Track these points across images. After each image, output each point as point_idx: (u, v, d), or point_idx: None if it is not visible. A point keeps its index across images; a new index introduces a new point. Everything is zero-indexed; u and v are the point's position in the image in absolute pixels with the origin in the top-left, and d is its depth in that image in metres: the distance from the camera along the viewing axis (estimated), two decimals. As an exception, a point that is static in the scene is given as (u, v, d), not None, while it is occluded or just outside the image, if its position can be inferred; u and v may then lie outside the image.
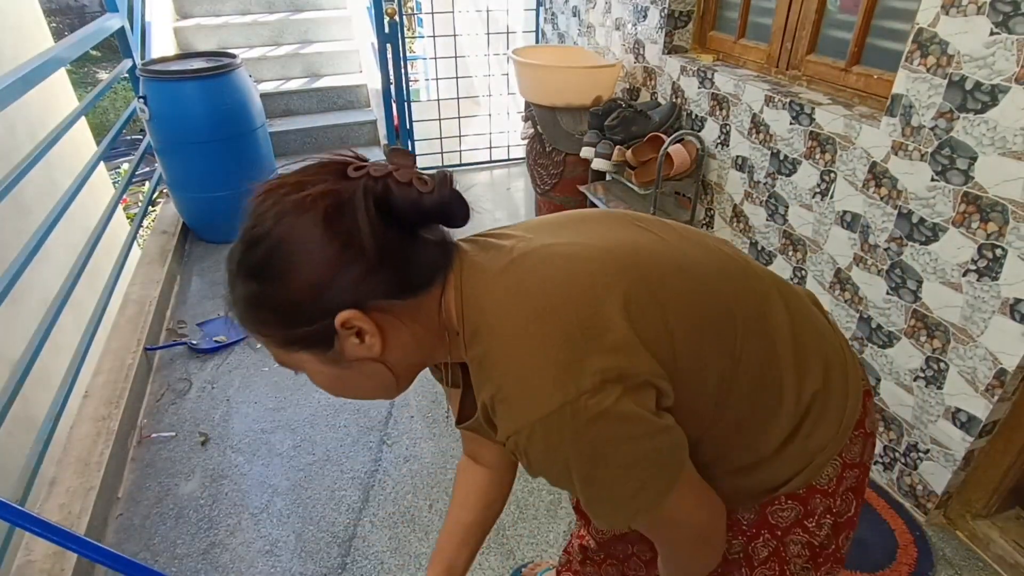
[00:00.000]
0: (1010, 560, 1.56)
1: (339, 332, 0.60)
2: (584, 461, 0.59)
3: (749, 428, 0.73)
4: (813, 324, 0.78)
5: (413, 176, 0.60)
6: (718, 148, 2.28)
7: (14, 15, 3.28)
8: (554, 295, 0.62)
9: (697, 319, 0.67)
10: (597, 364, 0.58)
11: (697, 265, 0.71)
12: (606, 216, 0.78)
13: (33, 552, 1.51)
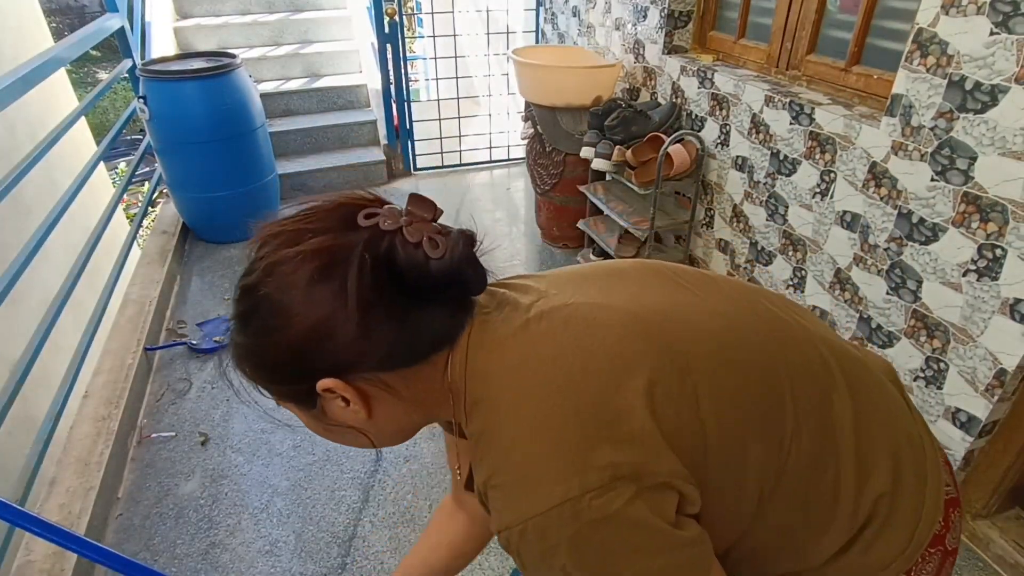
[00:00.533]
0: (1010, 560, 1.56)
1: (322, 395, 0.57)
2: (585, 572, 0.50)
3: (795, 534, 0.62)
4: (886, 410, 0.66)
5: (425, 236, 0.53)
6: (718, 148, 2.28)
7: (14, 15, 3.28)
8: (568, 370, 0.54)
9: (738, 408, 0.57)
10: (608, 458, 0.50)
11: (744, 338, 0.61)
12: (641, 270, 0.67)
13: (33, 552, 1.51)
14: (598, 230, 2.85)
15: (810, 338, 0.65)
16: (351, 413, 0.58)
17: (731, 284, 0.68)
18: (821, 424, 0.60)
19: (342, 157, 3.79)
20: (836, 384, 0.62)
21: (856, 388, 0.64)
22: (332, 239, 0.53)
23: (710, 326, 0.60)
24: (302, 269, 0.52)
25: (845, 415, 0.62)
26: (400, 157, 3.95)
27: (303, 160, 3.73)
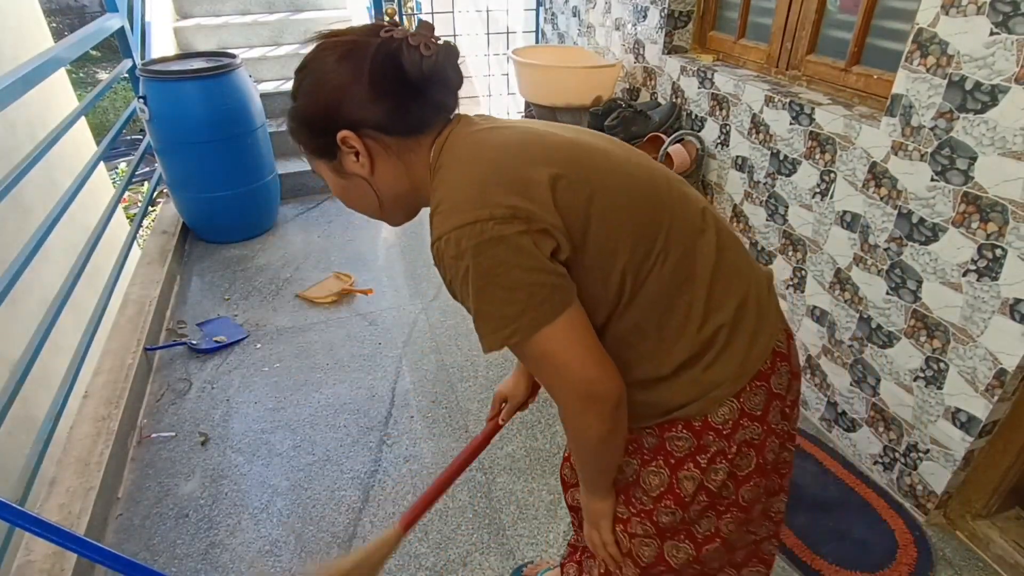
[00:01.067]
0: (1010, 560, 1.56)
1: (341, 147, 0.79)
2: (479, 274, 0.69)
3: (651, 338, 0.80)
4: (740, 269, 0.84)
5: (423, 41, 0.75)
6: (718, 148, 2.28)
7: (14, 15, 3.28)
8: (503, 151, 0.76)
9: (620, 217, 0.76)
10: (512, 201, 0.70)
11: (646, 180, 0.81)
12: (582, 129, 0.88)
13: (33, 552, 1.51)
14: (598, 230, 2.85)
15: (700, 202, 0.85)
16: (359, 166, 0.81)
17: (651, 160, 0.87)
18: (686, 257, 0.79)
19: (342, 157, 3.78)
20: (707, 236, 0.81)
21: (723, 246, 0.82)
22: (358, 37, 0.77)
23: (623, 166, 0.80)
24: (334, 53, 0.76)
25: (708, 259, 0.80)
26: (400, 157, 3.95)
27: (303, 160, 3.71)
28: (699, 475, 0.85)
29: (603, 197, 0.75)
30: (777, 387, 0.85)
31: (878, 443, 1.81)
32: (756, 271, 0.87)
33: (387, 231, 3.33)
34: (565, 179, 0.74)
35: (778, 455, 0.90)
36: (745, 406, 0.83)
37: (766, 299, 0.86)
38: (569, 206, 0.73)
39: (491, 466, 1.88)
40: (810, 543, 1.63)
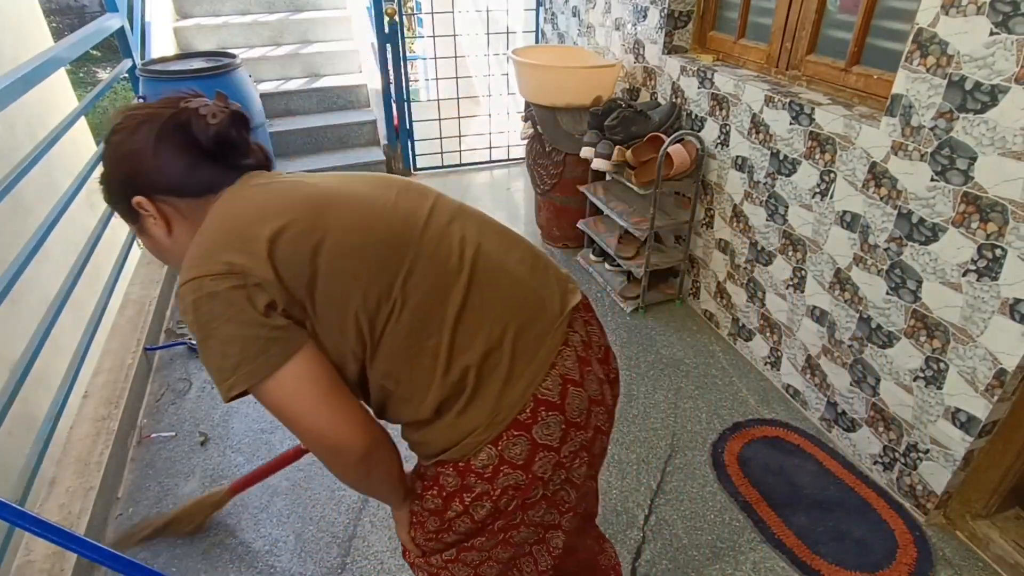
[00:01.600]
0: (1010, 560, 1.56)
1: (139, 211, 0.84)
2: (198, 327, 0.74)
3: (404, 383, 0.82)
4: (501, 307, 0.83)
5: (211, 112, 0.82)
6: (718, 148, 2.28)
7: (14, 15, 3.28)
8: (241, 209, 0.80)
9: (352, 260, 0.78)
10: (229, 257, 0.74)
11: (398, 223, 0.83)
12: (363, 176, 0.92)
13: (33, 552, 1.51)
14: (598, 230, 2.85)
15: (467, 243, 0.85)
16: (158, 227, 0.85)
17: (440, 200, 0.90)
18: (430, 300, 0.80)
19: (342, 157, 3.79)
20: (461, 277, 0.82)
21: (480, 285, 0.83)
22: (154, 110, 0.83)
23: (372, 213, 0.82)
24: (131, 124, 0.82)
25: (455, 301, 0.81)
26: (400, 157, 3.95)
27: (303, 160, 3.73)
28: (464, 510, 0.86)
29: (333, 246, 0.77)
30: (544, 438, 0.82)
31: (878, 443, 1.81)
32: (529, 308, 0.85)
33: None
34: (291, 231, 0.76)
35: (555, 495, 0.89)
36: (504, 454, 0.81)
37: (533, 341, 0.83)
38: (290, 258, 0.75)
39: (491, 466, 1.88)
40: (810, 543, 1.63)
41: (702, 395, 2.17)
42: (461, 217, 0.89)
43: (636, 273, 2.57)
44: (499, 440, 0.81)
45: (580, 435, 0.86)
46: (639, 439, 1.98)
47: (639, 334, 2.49)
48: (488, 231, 0.90)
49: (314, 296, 0.76)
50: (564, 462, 0.85)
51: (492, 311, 0.82)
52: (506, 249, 0.89)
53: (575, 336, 0.88)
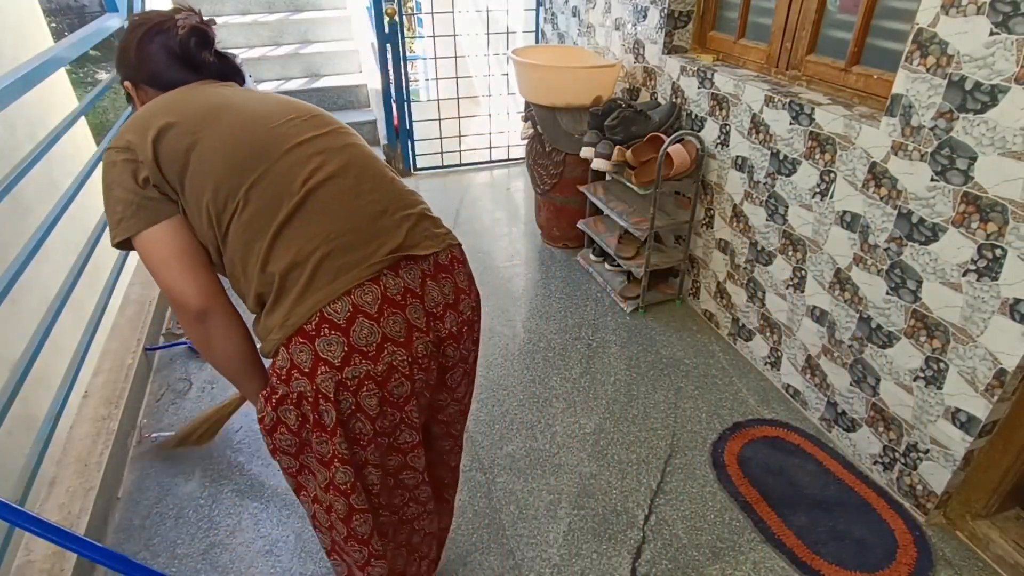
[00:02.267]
0: (1010, 560, 1.56)
1: (129, 91, 1.12)
2: (103, 186, 0.95)
3: (241, 274, 0.97)
4: (317, 232, 0.94)
5: (182, 24, 1.05)
6: (718, 148, 2.28)
7: (14, 15, 3.28)
8: (158, 105, 1.00)
9: (214, 164, 0.94)
10: (129, 137, 0.95)
11: (264, 142, 0.97)
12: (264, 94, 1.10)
13: (33, 552, 1.51)
14: (598, 230, 2.85)
15: (314, 172, 0.97)
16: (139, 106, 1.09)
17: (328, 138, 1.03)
18: (265, 211, 0.93)
19: (342, 157, 3.78)
20: (293, 199, 0.94)
21: (308, 211, 0.94)
22: (153, 15, 1.08)
23: (249, 126, 0.98)
24: (134, 23, 1.08)
25: (281, 216, 0.93)
26: (400, 157, 3.95)
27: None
28: (274, 414, 0.96)
29: (203, 148, 0.94)
30: (325, 352, 0.90)
31: (878, 443, 1.81)
32: (348, 241, 0.94)
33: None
34: (176, 128, 0.95)
35: (350, 424, 0.95)
36: (294, 358, 0.91)
37: (337, 268, 0.92)
38: (169, 150, 0.94)
39: (491, 466, 1.88)
40: (810, 543, 1.63)
41: (702, 395, 2.17)
42: (336, 156, 1.00)
43: (636, 273, 2.57)
44: (290, 343, 0.91)
45: (365, 364, 0.92)
46: (639, 439, 1.98)
47: (639, 334, 2.49)
48: (353, 173, 1.00)
49: (184, 184, 0.94)
50: (347, 384, 0.92)
51: (308, 232, 0.93)
52: (359, 192, 0.99)
53: (394, 280, 0.95)
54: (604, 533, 1.68)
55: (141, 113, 0.98)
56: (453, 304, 1.03)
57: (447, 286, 1.02)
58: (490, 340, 2.44)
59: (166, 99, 1.02)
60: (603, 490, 1.80)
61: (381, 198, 1.00)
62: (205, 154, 0.94)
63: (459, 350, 1.07)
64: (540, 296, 2.76)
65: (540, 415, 2.07)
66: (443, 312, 1.01)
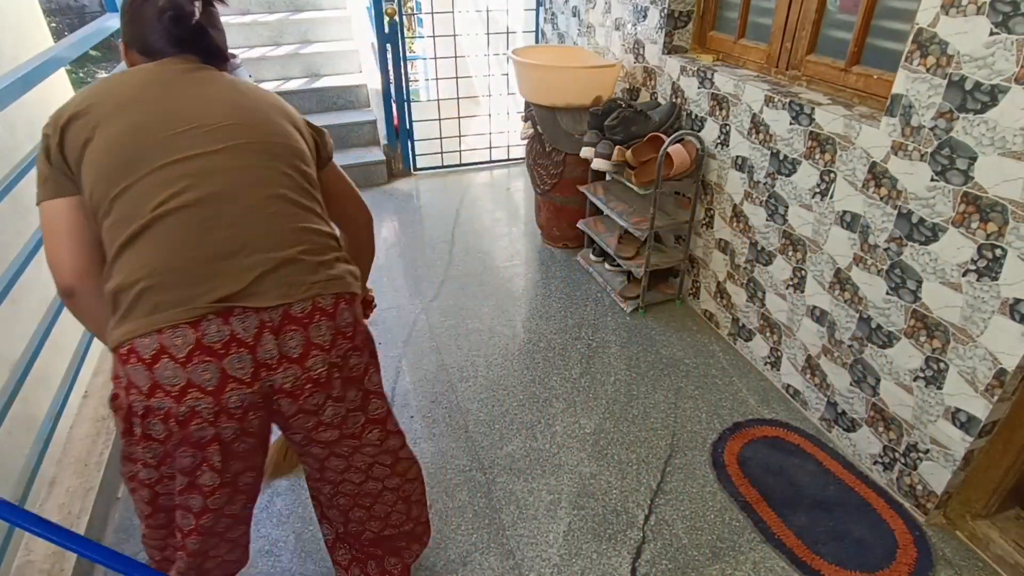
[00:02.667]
0: (1010, 560, 1.56)
1: (121, 52, 1.15)
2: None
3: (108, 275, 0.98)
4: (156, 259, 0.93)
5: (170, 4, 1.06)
6: (718, 148, 2.28)
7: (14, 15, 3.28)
8: (99, 85, 1.04)
9: (98, 168, 0.96)
10: (53, 118, 0.99)
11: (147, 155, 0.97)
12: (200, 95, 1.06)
13: (33, 552, 1.51)
14: (598, 230, 2.85)
15: (171, 197, 0.95)
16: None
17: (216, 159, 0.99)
18: (118, 225, 0.94)
19: (342, 157, 3.79)
20: (141, 221, 0.93)
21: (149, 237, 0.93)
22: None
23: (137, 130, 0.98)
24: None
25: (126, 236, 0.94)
26: (400, 157, 3.95)
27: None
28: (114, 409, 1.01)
29: (94, 146, 0.97)
30: (133, 377, 0.92)
31: (878, 443, 1.81)
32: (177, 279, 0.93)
33: (387, 231, 3.33)
34: (84, 117, 0.98)
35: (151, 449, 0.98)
36: (117, 370, 0.96)
37: (156, 304, 0.92)
38: (72, 139, 0.98)
39: (491, 466, 1.88)
40: (810, 543, 1.63)
41: (702, 395, 2.17)
42: (206, 183, 0.97)
43: (636, 273, 2.57)
44: (117, 351, 0.94)
45: (169, 401, 0.92)
46: (639, 439, 1.98)
47: (639, 334, 2.49)
48: (216, 205, 0.96)
49: (79, 173, 0.98)
50: (154, 411, 0.93)
51: (139, 261, 0.93)
52: (212, 227, 0.95)
53: (218, 328, 0.92)
54: (604, 533, 1.68)
55: (72, 96, 1.03)
56: (298, 359, 0.98)
57: (294, 339, 0.97)
58: (490, 340, 2.44)
59: (106, 81, 1.05)
60: (603, 490, 1.80)
61: (239, 236, 0.95)
62: (94, 153, 0.96)
63: (298, 406, 1.01)
64: (540, 296, 2.76)
65: (540, 415, 2.07)
66: (278, 365, 0.96)
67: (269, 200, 0.99)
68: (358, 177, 3.78)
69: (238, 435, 0.98)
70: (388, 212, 3.54)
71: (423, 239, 3.24)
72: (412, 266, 2.98)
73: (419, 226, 3.40)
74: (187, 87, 1.04)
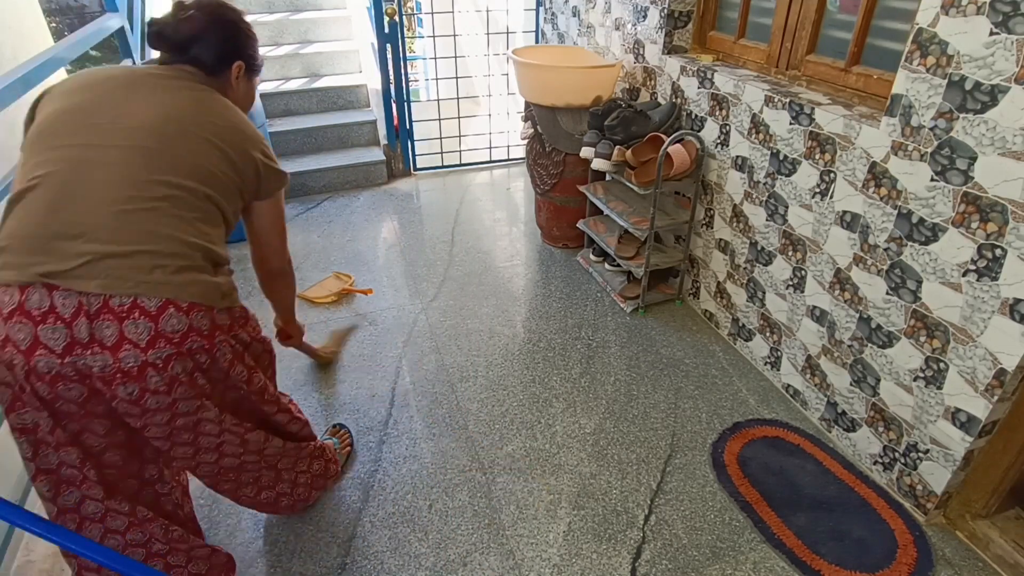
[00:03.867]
0: (1010, 560, 1.56)
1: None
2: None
3: None
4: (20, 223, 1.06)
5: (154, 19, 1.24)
6: (718, 148, 2.28)
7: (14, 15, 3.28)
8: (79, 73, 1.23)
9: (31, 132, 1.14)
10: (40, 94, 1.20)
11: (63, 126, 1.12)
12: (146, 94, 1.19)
13: (33, 552, 1.51)
14: (598, 230, 2.85)
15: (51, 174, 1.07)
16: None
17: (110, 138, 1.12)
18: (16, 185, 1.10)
19: (342, 157, 3.79)
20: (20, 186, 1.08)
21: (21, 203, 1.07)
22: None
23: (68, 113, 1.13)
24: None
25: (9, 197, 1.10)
26: (400, 157, 3.95)
27: (303, 160, 3.73)
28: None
29: (36, 122, 1.15)
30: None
31: (878, 443, 1.81)
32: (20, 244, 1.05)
33: (387, 231, 3.33)
34: (47, 96, 1.18)
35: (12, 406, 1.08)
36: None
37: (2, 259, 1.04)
38: (39, 111, 1.16)
39: (491, 466, 1.88)
40: (810, 543, 1.63)
41: (702, 395, 2.17)
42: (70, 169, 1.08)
43: (636, 273, 2.57)
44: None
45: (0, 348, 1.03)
46: (639, 439, 1.98)
47: (639, 334, 2.49)
48: (68, 190, 1.07)
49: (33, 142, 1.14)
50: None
51: (9, 223, 1.07)
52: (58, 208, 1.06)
53: (39, 298, 1.01)
54: (604, 533, 1.68)
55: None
56: (112, 347, 1.04)
57: (109, 329, 1.03)
58: (490, 340, 2.44)
59: (91, 71, 1.21)
60: (603, 490, 1.80)
61: (83, 222, 1.05)
62: (34, 125, 1.15)
63: (111, 392, 1.07)
64: (540, 296, 2.76)
65: (540, 415, 2.07)
66: (87, 347, 1.03)
67: (130, 199, 1.08)
68: (358, 177, 3.78)
69: (54, 397, 1.07)
70: (388, 212, 3.54)
71: (423, 239, 3.25)
72: (412, 266, 2.98)
73: (419, 226, 3.40)
74: (144, 90, 1.17)
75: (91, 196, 1.06)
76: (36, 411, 1.09)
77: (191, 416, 1.17)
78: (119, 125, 1.11)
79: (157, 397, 1.10)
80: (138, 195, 1.08)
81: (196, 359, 1.13)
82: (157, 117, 1.14)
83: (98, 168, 1.08)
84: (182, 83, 1.21)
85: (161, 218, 1.09)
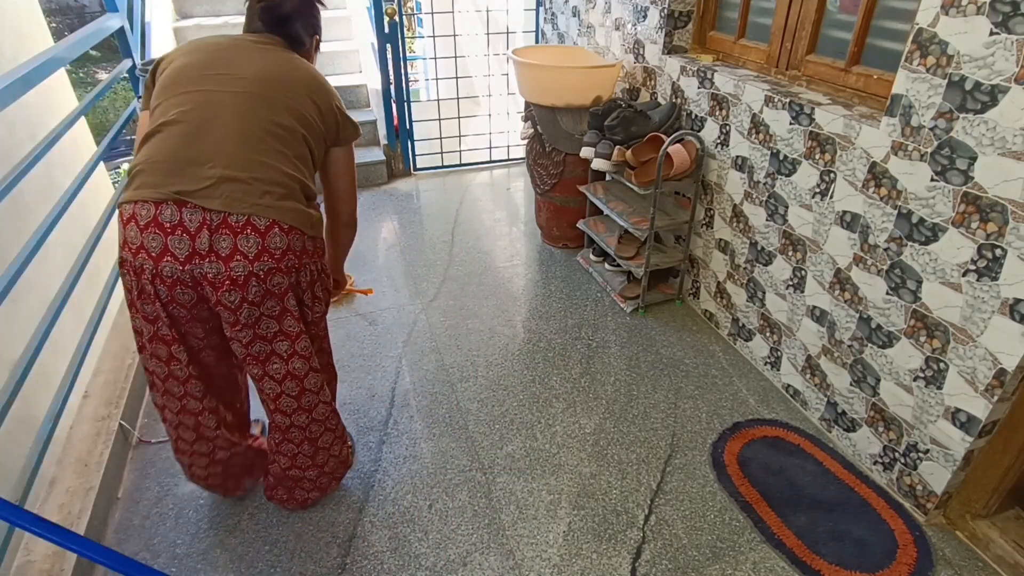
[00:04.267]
0: (1010, 560, 1.56)
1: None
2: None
3: None
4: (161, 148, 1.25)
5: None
6: (718, 148, 2.28)
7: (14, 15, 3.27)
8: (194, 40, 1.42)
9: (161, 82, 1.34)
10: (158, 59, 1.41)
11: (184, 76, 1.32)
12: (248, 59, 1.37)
13: (33, 552, 1.51)
14: (598, 230, 2.85)
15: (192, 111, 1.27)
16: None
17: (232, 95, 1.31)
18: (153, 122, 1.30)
19: (342, 157, 3.78)
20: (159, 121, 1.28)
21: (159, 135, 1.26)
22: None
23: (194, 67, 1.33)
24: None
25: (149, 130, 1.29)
26: (400, 157, 3.95)
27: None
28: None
29: (164, 75, 1.35)
30: (120, 233, 1.25)
31: (878, 443, 1.81)
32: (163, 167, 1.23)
33: (387, 231, 3.32)
34: (166, 59, 1.38)
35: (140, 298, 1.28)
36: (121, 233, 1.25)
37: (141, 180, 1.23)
38: (162, 70, 1.37)
39: (491, 466, 1.88)
40: (810, 543, 1.63)
41: (702, 395, 2.17)
42: (201, 111, 1.27)
43: (636, 273, 2.57)
44: (121, 213, 1.24)
45: (128, 254, 1.23)
46: (639, 439, 1.98)
47: (639, 334, 2.49)
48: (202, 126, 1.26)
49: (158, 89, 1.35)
50: (123, 261, 1.25)
51: (148, 150, 1.26)
52: (193, 141, 1.24)
53: (171, 212, 1.20)
54: (604, 533, 1.68)
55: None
56: (225, 258, 1.22)
57: (225, 241, 1.22)
58: (490, 340, 2.44)
59: (202, 38, 1.40)
60: (603, 490, 1.80)
61: (211, 151, 1.24)
62: (162, 77, 1.35)
63: (217, 296, 1.25)
64: (540, 296, 2.76)
65: (540, 415, 2.07)
66: (206, 256, 1.22)
67: (247, 134, 1.26)
68: (358, 177, 3.76)
69: (170, 301, 1.27)
70: (388, 212, 3.54)
71: (423, 239, 3.25)
72: (412, 266, 2.98)
73: (419, 226, 3.40)
74: (246, 51, 1.36)
75: (216, 131, 1.25)
76: (157, 308, 1.29)
77: (274, 320, 1.34)
78: (233, 76, 1.30)
79: (250, 308, 1.29)
80: (252, 132, 1.27)
81: (288, 276, 1.30)
82: (261, 71, 1.33)
83: (220, 109, 1.27)
84: (275, 48, 1.40)
85: (269, 152, 1.28)
